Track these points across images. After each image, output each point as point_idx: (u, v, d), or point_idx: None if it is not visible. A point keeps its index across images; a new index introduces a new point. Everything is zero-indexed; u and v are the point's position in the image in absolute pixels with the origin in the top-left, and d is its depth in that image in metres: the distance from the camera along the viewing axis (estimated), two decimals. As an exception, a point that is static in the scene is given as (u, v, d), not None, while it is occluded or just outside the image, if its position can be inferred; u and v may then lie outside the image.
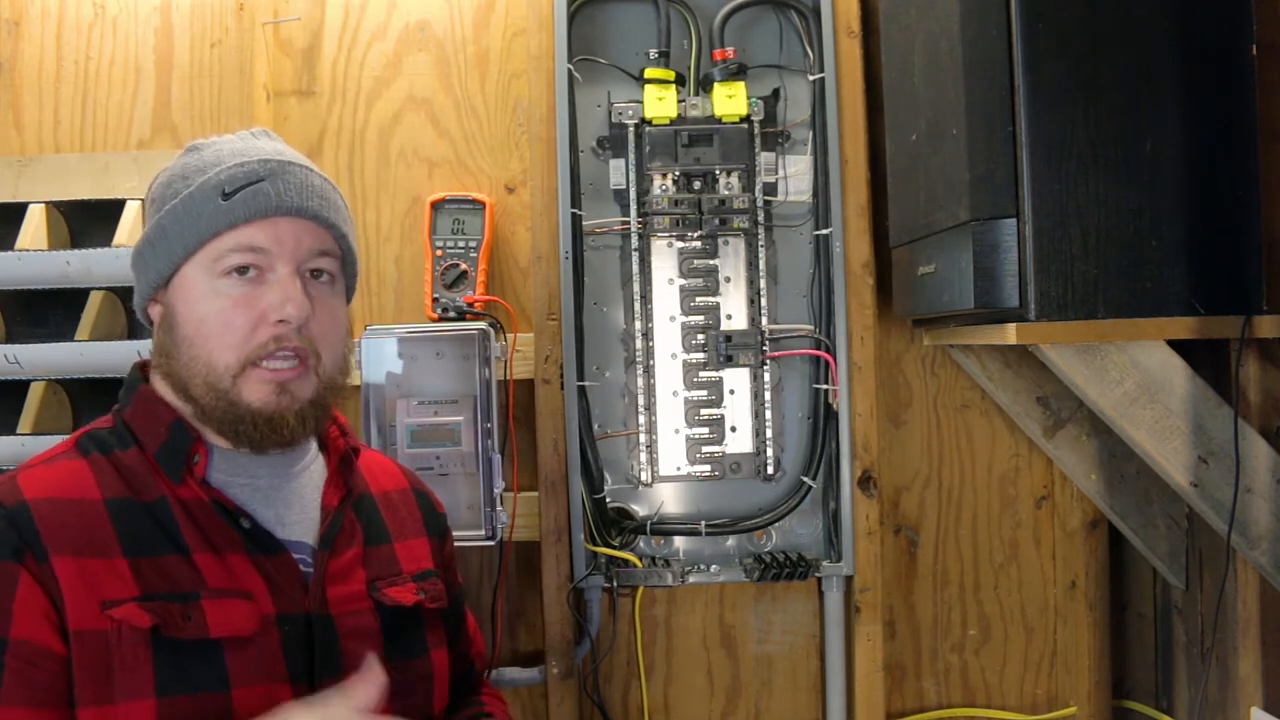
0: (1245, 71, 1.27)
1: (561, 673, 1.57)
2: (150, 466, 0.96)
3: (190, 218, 0.96)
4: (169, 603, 0.90)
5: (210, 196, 0.96)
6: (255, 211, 0.96)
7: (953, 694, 1.72)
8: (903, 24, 1.48)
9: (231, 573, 0.94)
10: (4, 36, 1.66)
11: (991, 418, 1.71)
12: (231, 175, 0.97)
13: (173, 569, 0.92)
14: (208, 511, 0.95)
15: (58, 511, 0.90)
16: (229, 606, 0.93)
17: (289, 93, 1.68)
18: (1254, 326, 1.26)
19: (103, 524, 0.91)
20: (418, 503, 1.18)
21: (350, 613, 1.01)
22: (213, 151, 1.00)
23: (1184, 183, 1.25)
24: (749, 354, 1.62)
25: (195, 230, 0.95)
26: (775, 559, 1.60)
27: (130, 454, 0.96)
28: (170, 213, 0.97)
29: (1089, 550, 1.70)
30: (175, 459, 0.96)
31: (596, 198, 1.64)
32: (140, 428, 0.98)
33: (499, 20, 1.69)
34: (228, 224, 0.95)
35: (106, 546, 0.90)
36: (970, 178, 1.27)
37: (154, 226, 0.98)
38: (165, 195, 0.98)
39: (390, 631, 1.03)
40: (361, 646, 0.99)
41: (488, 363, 1.53)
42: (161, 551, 0.92)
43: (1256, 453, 1.29)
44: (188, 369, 0.96)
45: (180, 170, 0.99)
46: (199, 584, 0.92)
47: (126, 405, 1.00)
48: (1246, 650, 1.40)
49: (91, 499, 0.92)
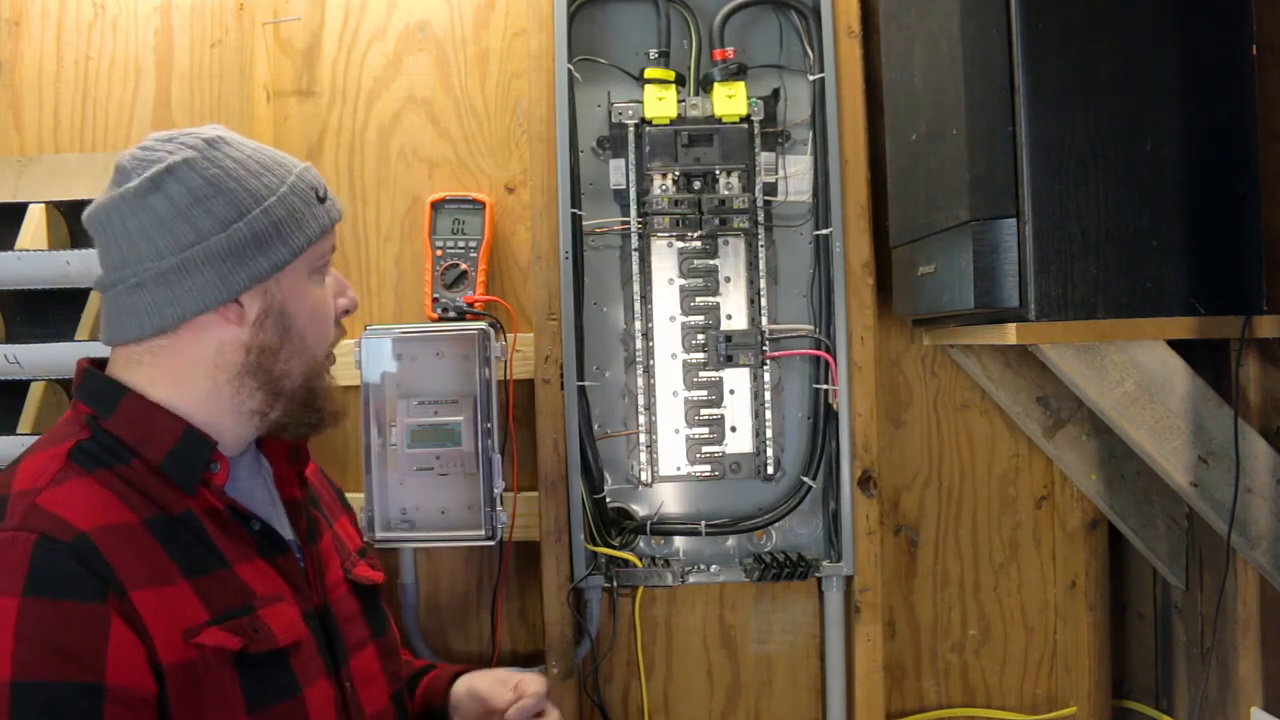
0: (1245, 71, 1.27)
1: (561, 673, 1.57)
2: (160, 479, 0.92)
3: (296, 218, 0.97)
4: (239, 619, 0.90)
5: (309, 199, 0.99)
6: (339, 214, 1.04)
7: (953, 694, 1.73)
8: (903, 24, 1.48)
9: (263, 577, 0.95)
10: (4, 36, 1.66)
11: (991, 418, 1.71)
12: (315, 177, 1.02)
13: (227, 583, 0.91)
14: (226, 519, 0.95)
15: (117, 542, 0.86)
16: (280, 612, 0.94)
17: (289, 93, 1.68)
18: (1254, 326, 1.26)
19: (153, 548, 0.88)
20: (328, 481, 1.23)
21: (339, 598, 1.05)
22: (252, 150, 0.98)
23: (1184, 183, 1.25)
24: (749, 354, 1.62)
25: (305, 230, 0.98)
26: (775, 559, 1.60)
27: (134, 468, 0.92)
28: (268, 212, 0.95)
29: (1089, 550, 1.70)
30: (189, 469, 0.93)
31: (596, 198, 1.64)
32: (136, 438, 0.93)
33: (499, 20, 1.69)
34: (330, 225, 1.02)
35: (168, 572, 0.88)
36: (970, 178, 1.27)
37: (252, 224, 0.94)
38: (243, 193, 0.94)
39: (368, 609, 1.09)
40: (353, 629, 1.05)
41: (488, 363, 1.53)
42: (212, 568, 0.91)
43: (1256, 453, 1.29)
44: (293, 363, 0.98)
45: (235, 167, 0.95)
46: (249, 595, 0.92)
47: (110, 413, 0.94)
48: (1246, 650, 1.40)
49: (131, 523, 0.88)
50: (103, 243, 0.97)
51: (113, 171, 0.97)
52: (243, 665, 0.88)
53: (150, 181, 0.93)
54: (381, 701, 1.06)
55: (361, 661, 1.04)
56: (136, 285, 0.93)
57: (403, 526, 1.54)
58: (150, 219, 0.93)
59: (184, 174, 0.93)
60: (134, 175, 0.94)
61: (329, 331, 1.04)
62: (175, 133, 0.98)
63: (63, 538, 0.83)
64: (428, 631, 1.65)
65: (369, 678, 1.05)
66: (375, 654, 1.07)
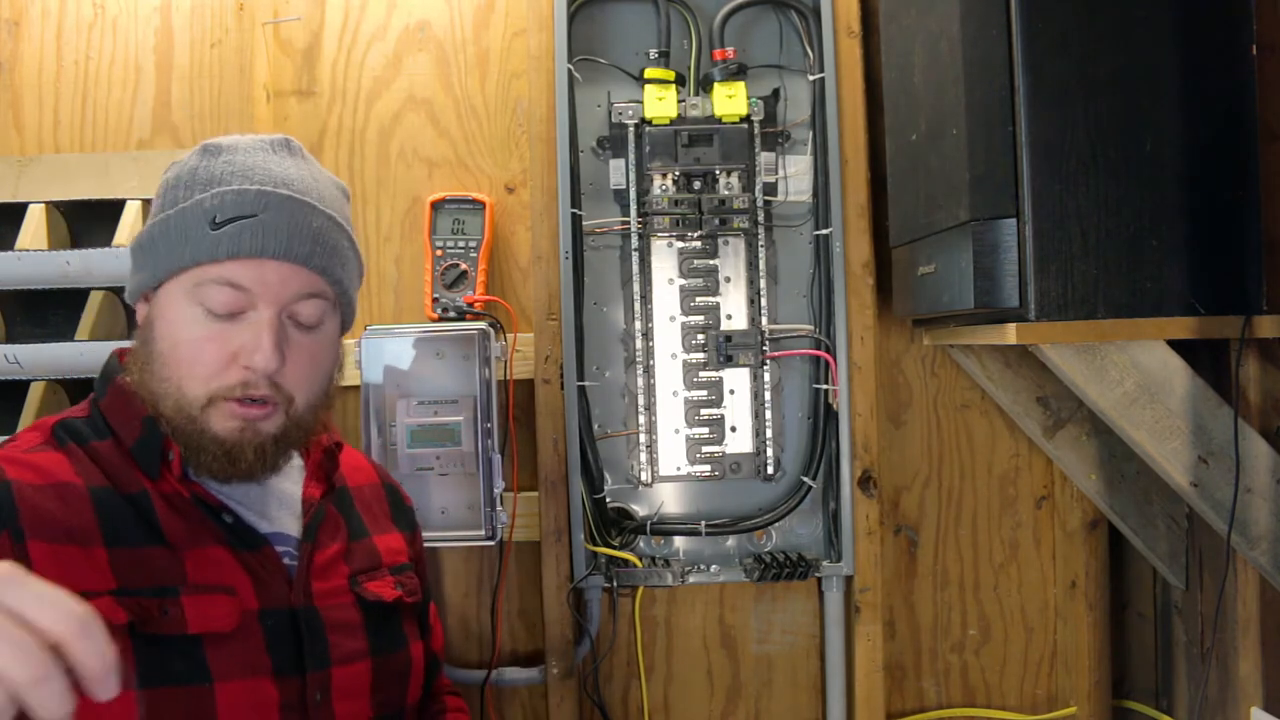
0: (1245, 71, 1.27)
1: (561, 673, 1.57)
2: (128, 459, 0.95)
3: (179, 237, 0.93)
4: (145, 598, 0.89)
5: (200, 221, 0.93)
6: (239, 249, 0.92)
7: (953, 694, 1.73)
8: (903, 24, 1.48)
9: (214, 567, 0.94)
10: (4, 36, 1.66)
11: (991, 418, 1.71)
12: (225, 203, 0.93)
13: (153, 562, 0.91)
14: (189, 506, 0.95)
15: (40, 496, 0.89)
16: (209, 602, 0.92)
17: (289, 93, 1.68)
18: (1254, 326, 1.26)
19: (85, 511, 0.90)
20: (387, 496, 1.19)
21: (335, 605, 1.01)
22: (223, 163, 0.96)
23: (1184, 183, 1.25)
24: (749, 354, 1.62)
25: (181, 252, 0.93)
26: (775, 559, 1.60)
27: (107, 445, 0.96)
28: (162, 224, 0.95)
29: (1089, 550, 1.70)
30: (151, 455, 0.95)
31: (596, 198, 1.64)
32: (116, 420, 0.97)
33: (499, 20, 1.69)
34: (210, 256, 0.92)
35: (87, 535, 0.89)
36: (970, 178, 1.27)
37: (148, 231, 0.97)
38: (165, 200, 0.97)
39: (373, 625, 1.04)
40: (347, 639, 1.01)
41: (488, 363, 1.53)
42: (142, 543, 0.92)
43: (1256, 453, 1.29)
44: (160, 387, 0.95)
45: (188, 175, 0.97)
46: (179, 579, 0.91)
47: (103, 395, 1.00)
48: (1246, 650, 1.40)
49: (73, 485, 0.91)
50: None
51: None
52: (141, 640, 0.88)
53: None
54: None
55: (347, 675, 1.00)
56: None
57: (403, 526, 1.53)
58: None
59: (169, 174, 0.99)
60: None
61: (202, 370, 0.93)
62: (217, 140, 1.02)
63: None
64: (428, 631, 1.65)
65: (352, 693, 1.00)
66: (368, 670, 1.02)
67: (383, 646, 1.05)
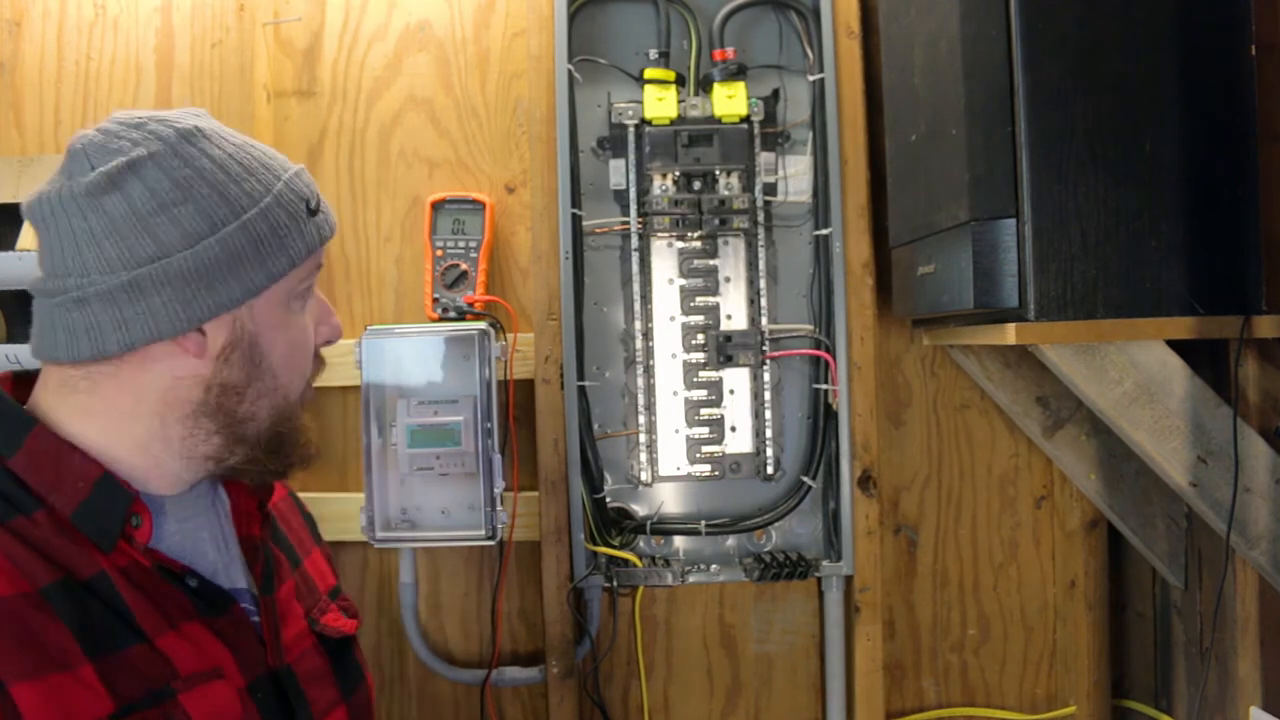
0: (1245, 71, 1.27)
1: (561, 672, 1.57)
2: (68, 533, 0.76)
3: (279, 236, 0.81)
4: (148, 710, 0.75)
5: (298, 211, 0.83)
6: (331, 230, 0.87)
7: (952, 694, 1.73)
8: (903, 24, 1.48)
9: (194, 649, 0.80)
10: (5, 37, 1.66)
11: (991, 418, 1.71)
12: (306, 184, 0.85)
13: (138, 663, 0.76)
14: (153, 579, 0.79)
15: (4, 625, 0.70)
16: (207, 693, 0.79)
17: (289, 93, 1.68)
18: (1253, 326, 1.26)
19: (50, 624, 0.72)
20: (298, 508, 1.08)
21: (300, 655, 0.91)
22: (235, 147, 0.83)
23: (1184, 183, 1.25)
24: (749, 354, 1.62)
25: (289, 251, 0.82)
26: (775, 559, 1.60)
27: (37, 519, 0.76)
28: (247, 227, 0.80)
29: (1088, 550, 1.70)
30: (104, 523, 0.78)
31: (596, 198, 1.64)
32: (43, 483, 0.77)
33: (499, 20, 1.69)
34: (320, 243, 0.85)
35: (65, 653, 0.72)
36: (970, 178, 1.27)
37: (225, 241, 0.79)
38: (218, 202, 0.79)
39: (337, 666, 0.95)
40: (321, 690, 0.92)
41: (488, 363, 1.53)
42: (122, 644, 0.75)
43: (1256, 453, 1.30)
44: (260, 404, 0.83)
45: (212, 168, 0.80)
46: (170, 674, 0.77)
47: (9, 450, 0.78)
48: (1245, 650, 1.40)
49: (24, 593, 0.72)
50: (44, 240, 0.80)
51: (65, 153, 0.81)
52: None
53: (106, 177, 0.77)
54: None
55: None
56: (78, 300, 0.78)
57: (403, 526, 1.54)
58: (101, 223, 0.77)
59: (149, 172, 0.78)
60: (89, 165, 0.78)
61: (307, 367, 0.88)
62: (147, 115, 0.81)
63: None
64: (428, 631, 1.65)
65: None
66: (345, 716, 0.94)
67: (349, 686, 0.97)
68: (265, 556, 0.91)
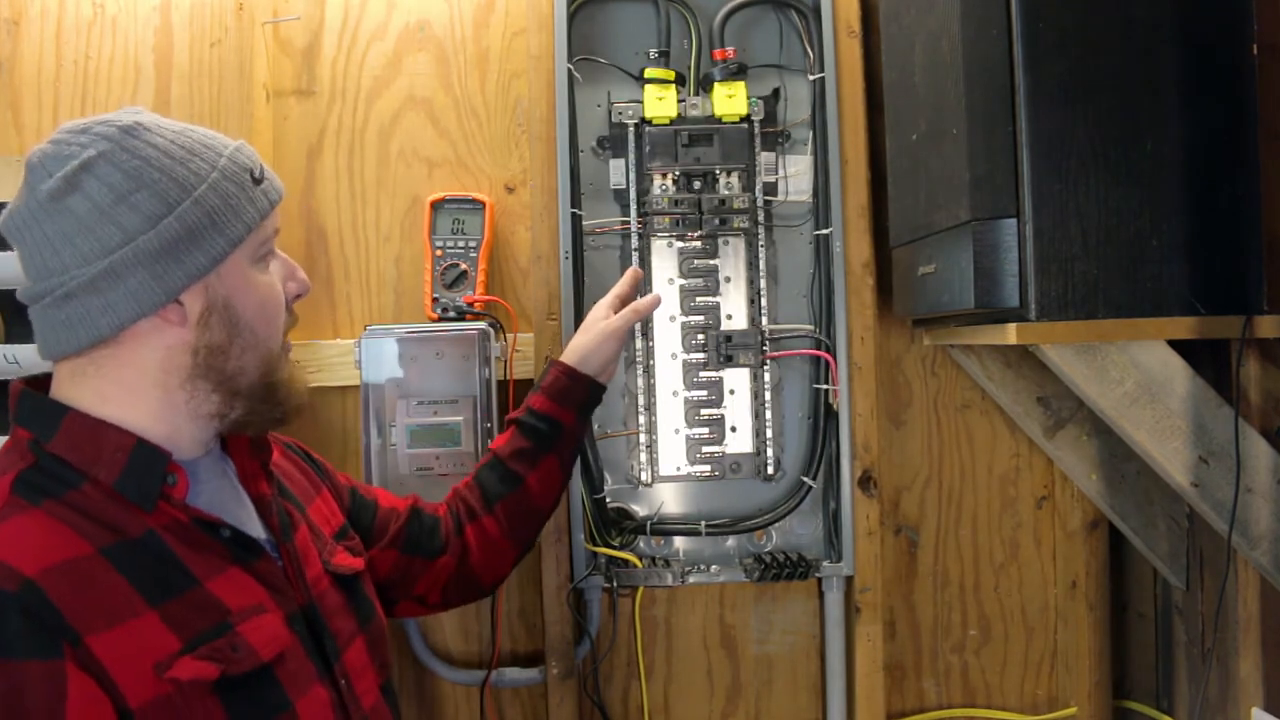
0: (1245, 71, 1.27)
1: (561, 673, 1.57)
2: (115, 500, 0.86)
3: (231, 205, 0.90)
4: (214, 641, 0.85)
5: (245, 183, 0.92)
6: (278, 194, 0.97)
7: (953, 694, 1.72)
8: (903, 24, 1.48)
9: (239, 588, 0.90)
10: (3, 36, 1.65)
11: (992, 418, 1.71)
12: (247, 156, 0.94)
13: (198, 604, 0.86)
14: (192, 533, 0.89)
15: (69, 581, 0.79)
16: (261, 625, 0.89)
17: (289, 92, 1.68)
18: (1254, 326, 1.26)
19: (113, 580, 0.82)
20: (299, 456, 1.17)
21: (322, 593, 1.01)
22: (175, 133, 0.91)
23: (1184, 182, 1.25)
24: (749, 354, 1.62)
25: (242, 217, 0.91)
26: (775, 559, 1.60)
27: (84, 492, 0.85)
28: (200, 202, 0.88)
29: (1089, 550, 1.70)
30: (144, 486, 0.87)
31: (596, 198, 1.64)
32: (84, 460, 0.86)
33: (499, 20, 1.69)
34: (270, 207, 0.95)
35: (131, 603, 0.82)
36: (970, 178, 1.27)
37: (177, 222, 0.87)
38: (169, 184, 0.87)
39: (352, 600, 1.05)
40: (342, 622, 1.02)
41: (488, 363, 1.53)
42: (181, 589, 0.85)
43: (1257, 453, 1.29)
44: (246, 358, 0.92)
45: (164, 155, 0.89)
46: (224, 612, 0.87)
47: (51, 435, 0.87)
48: (1247, 650, 1.40)
49: (86, 554, 0.82)
50: (24, 251, 0.89)
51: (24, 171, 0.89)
52: (225, 690, 0.83)
53: (65, 181, 0.86)
54: (375, 694, 1.03)
55: (352, 655, 1.01)
56: (65, 296, 0.86)
57: (402, 527, 1.53)
58: (70, 222, 0.86)
59: (101, 169, 0.86)
60: (47, 174, 0.87)
61: (280, 320, 0.97)
62: (89, 121, 0.90)
63: (8, 587, 0.76)
64: (428, 631, 1.65)
65: (361, 671, 1.02)
66: (364, 645, 1.04)
67: (364, 616, 1.06)
68: (278, 509, 1.01)
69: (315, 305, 1.65)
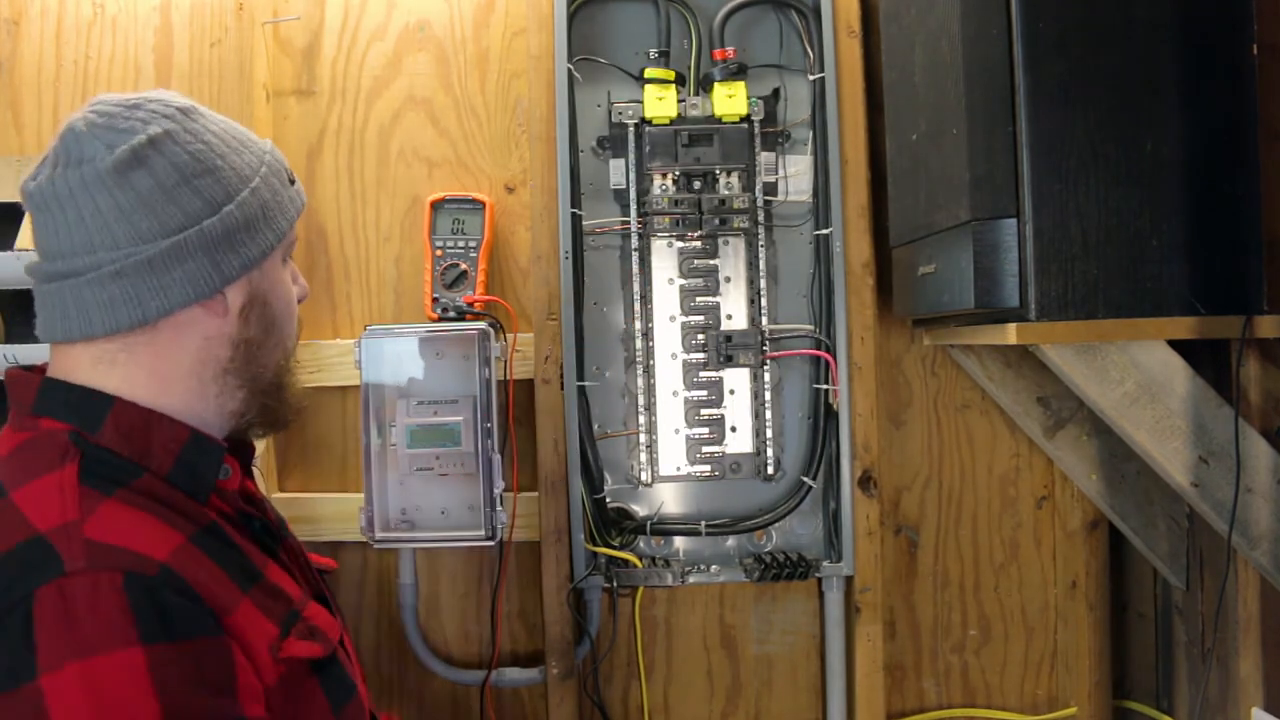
0: (1245, 71, 1.27)
1: (561, 673, 1.57)
2: (174, 491, 0.84)
3: (278, 201, 0.90)
4: (296, 626, 0.85)
5: (284, 179, 0.93)
6: (304, 198, 0.98)
7: (953, 694, 1.72)
8: (903, 24, 1.48)
9: (283, 577, 0.90)
10: (3, 36, 1.65)
11: (992, 418, 1.71)
12: (282, 159, 0.95)
13: (270, 590, 0.85)
14: (238, 524, 0.89)
15: (191, 565, 0.78)
16: (316, 610, 0.90)
17: (289, 92, 1.68)
18: (1255, 326, 1.26)
19: (212, 566, 0.80)
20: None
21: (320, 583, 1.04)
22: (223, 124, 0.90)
23: (1184, 183, 1.25)
24: (749, 354, 1.62)
25: (285, 214, 0.91)
26: (775, 559, 1.60)
27: (145, 482, 0.82)
28: (256, 193, 0.88)
29: (1089, 550, 1.70)
30: (200, 477, 0.86)
31: (596, 198, 1.64)
32: (136, 451, 0.83)
33: (499, 20, 1.69)
34: (301, 208, 0.96)
35: (232, 590, 0.80)
36: (970, 178, 1.27)
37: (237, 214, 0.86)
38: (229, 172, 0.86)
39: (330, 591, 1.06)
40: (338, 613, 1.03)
41: (488, 363, 1.53)
42: (256, 577, 0.85)
43: (1257, 453, 1.29)
44: (271, 356, 0.92)
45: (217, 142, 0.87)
46: (289, 599, 0.87)
47: (94, 427, 0.83)
48: (1247, 650, 1.40)
49: (184, 541, 0.80)
50: (57, 223, 0.83)
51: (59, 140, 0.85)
52: (319, 670, 0.85)
53: (132, 153, 0.82)
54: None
55: (346, 640, 1.02)
56: (115, 274, 0.82)
57: (403, 527, 1.53)
58: (129, 198, 0.82)
59: (168, 148, 0.83)
60: (104, 146, 0.82)
61: (296, 321, 0.98)
62: (136, 98, 0.86)
63: (148, 571, 0.74)
64: (427, 632, 1.65)
65: (354, 654, 1.03)
66: (347, 632, 1.04)
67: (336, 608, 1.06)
68: (270, 505, 1.00)
69: (315, 305, 1.65)
